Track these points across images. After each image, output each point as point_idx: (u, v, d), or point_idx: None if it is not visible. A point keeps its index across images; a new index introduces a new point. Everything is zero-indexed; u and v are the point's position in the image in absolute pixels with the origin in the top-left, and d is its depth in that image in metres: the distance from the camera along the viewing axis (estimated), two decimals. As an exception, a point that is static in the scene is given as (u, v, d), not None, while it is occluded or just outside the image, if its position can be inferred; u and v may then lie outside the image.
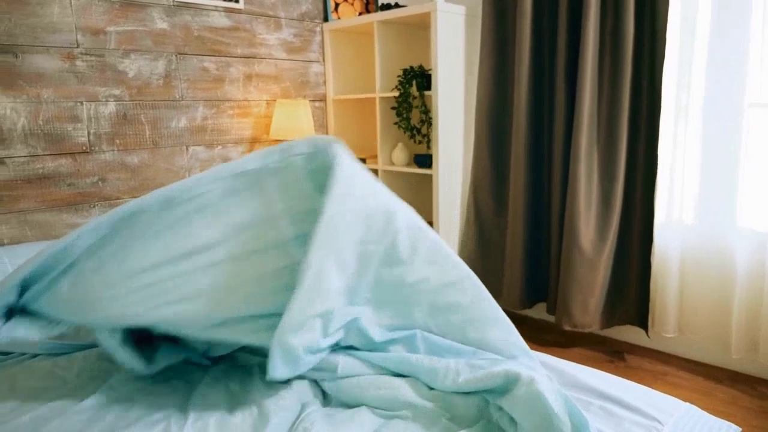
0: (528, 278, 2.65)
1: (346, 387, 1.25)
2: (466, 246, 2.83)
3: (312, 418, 1.15)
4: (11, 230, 2.13)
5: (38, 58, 2.13)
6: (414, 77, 2.67)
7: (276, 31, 2.86)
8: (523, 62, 2.47)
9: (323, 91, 3.12)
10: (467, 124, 2.78)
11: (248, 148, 2.82)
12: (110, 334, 1.22)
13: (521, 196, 2.57)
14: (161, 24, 2.45)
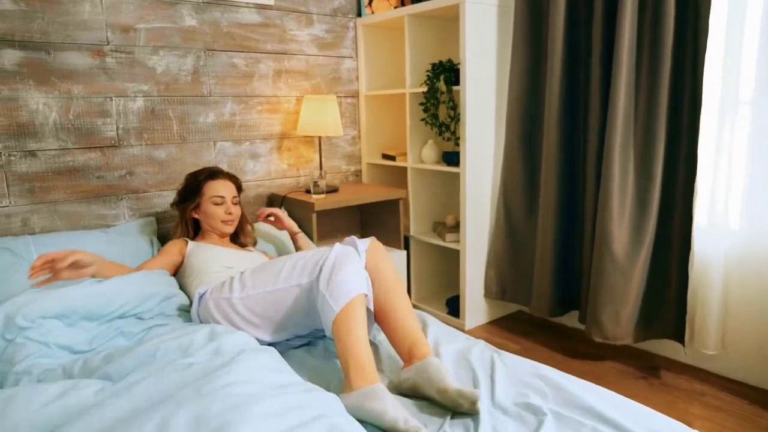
0: (559, 284, 2.51)
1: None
2: (495, 248, 2.71)
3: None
4: (42, 220, 2.22)
5: (70, 55, 2.21)
6: (442, 72, 2.58)
7: (307, 26, 2.85)
8: (555, 54, 2.33)
9: (355, 87, 3.08)
10: (499, 121, 2.66)
11: (277, 143, 2.83)
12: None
13: (552, 196, 2.43)
14: (190, 21, 2.49)
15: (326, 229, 3.01)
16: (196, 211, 2.13)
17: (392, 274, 1.64)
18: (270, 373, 1.20)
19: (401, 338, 1.51)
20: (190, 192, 2.12)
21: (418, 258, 2.99)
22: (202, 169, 2.17)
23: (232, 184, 2.17)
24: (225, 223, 2.09)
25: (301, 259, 1.60)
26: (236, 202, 2.14)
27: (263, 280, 1.62)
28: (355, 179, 3.17)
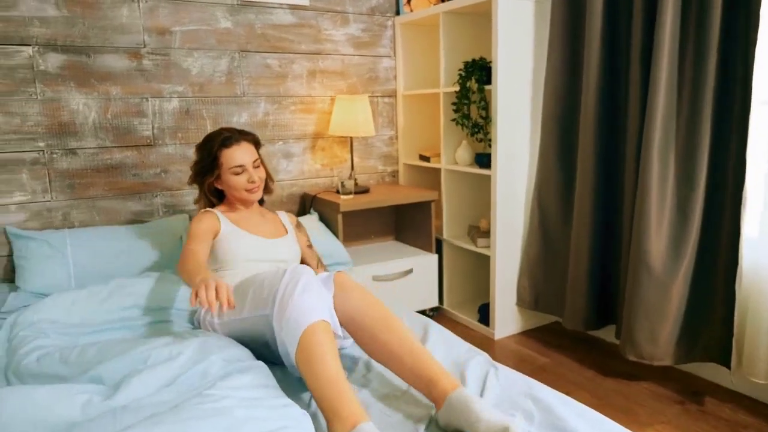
0: (594, 296, 2.35)
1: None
2: (529, 255, 2.58)
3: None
4: (81, 214, 2.35)
5: (108, 58, 2.32)
6: (475, 70, 2.49)
7: (343, 26, 2.84)
8: (592, 50, 2.17)
9: (393, 86, 3.04)
10: (534, 122, 2.53)
11: (311, 143, 2.83)
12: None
13: (588, 202, 2.27)
14: (225, 23, 2.54)
15: (357, 231, 2.98)
16: (217, 183, 1.92)
17: (373, 311, 1.43)
18: (246, 390, 1.18)
19: (416, 383, 1.33)
20: (205, 166, 1.89)
21: (451, 262, 2.90)
22: (213, 136, 1.89)
23: (249, 144, 1.91)
24: (250, 192, 1.89)
25: (259, 286, 1.47)
26: (258, 165, 1.92)
27: (237, 305, 1.53)
28: (391, 180, 3.12)
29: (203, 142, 1.91)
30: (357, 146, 2.98)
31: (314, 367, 1.22)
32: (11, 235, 2.18)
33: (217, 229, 1.84)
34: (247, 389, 1.19)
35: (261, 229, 1.94)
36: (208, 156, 1.87)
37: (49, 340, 1.50)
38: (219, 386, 1.17)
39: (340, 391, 1.19)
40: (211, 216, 1.87)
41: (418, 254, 2.78)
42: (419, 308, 2.79)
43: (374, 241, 3.04)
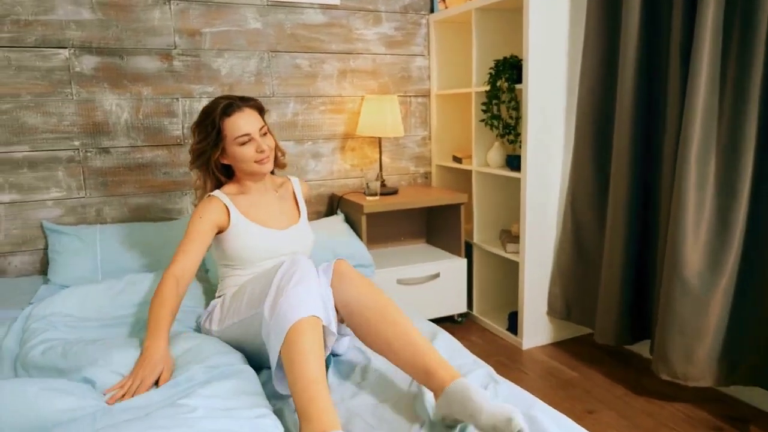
0: (628, 308, 2.20)
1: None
2: (561, 262, 2.45)
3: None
4: (113, 211, 2.43)
5: (140, 60, 2.38)
6: (505, 68, 2.39)
7: (375, 25, 2.80)
8: (628, 45, 2.03)
9: (426, 86, 2.97)
10: (568, 123, 2.39)
11: (340, 143, 2.81)
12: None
13: (622, 207, 2.13)
14: (254, 23, 2.56)
15: (386, 232, 2.94)
16: (223, 158, 1.71)
17: (370, 301, 1.41)
18: (223, 399, 1.16)
19: (414, 374, 1.31)
20: (209, 141, 1.67)
21: (481, 267, 2.81)
22: (212, 107, 1.68)
23: (253, 111, 1.71)
24: (260, 163, 1.68)
25: (256, 283, 1.46)
26: (265, 132, 1.71)
27: (234, 308, 1.50)
28: (423, 182, 3.06)
29: (202, 116, 1.70)
30: (388, 147, 2.94)
31: (295, 367, 1.19)
32: (47, 230, 2.28)
33: (224, 222, 1.67)
34: (225, 398, 1.17)
35: (273, 215, 1.76)
36: (211, 128, 1.65)
37: (57, 333, 1.54)
38: (196, 394, 1.15)
39: (314, 395, 1.15)
40: (217, 205, 1.67)
41: (447, 258, 2.71)
42: (447, 313, 2.72)
43: (404, 244, 2.99)
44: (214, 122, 1.66)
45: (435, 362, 1.28)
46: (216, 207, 1.67)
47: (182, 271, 1.56)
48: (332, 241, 2.41)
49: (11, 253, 2.29)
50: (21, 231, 2.29)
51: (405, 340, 1.34)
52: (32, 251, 2.31)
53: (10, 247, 2.28)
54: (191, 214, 1.69)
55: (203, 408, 1.10)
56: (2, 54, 2.17)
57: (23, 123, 2.23)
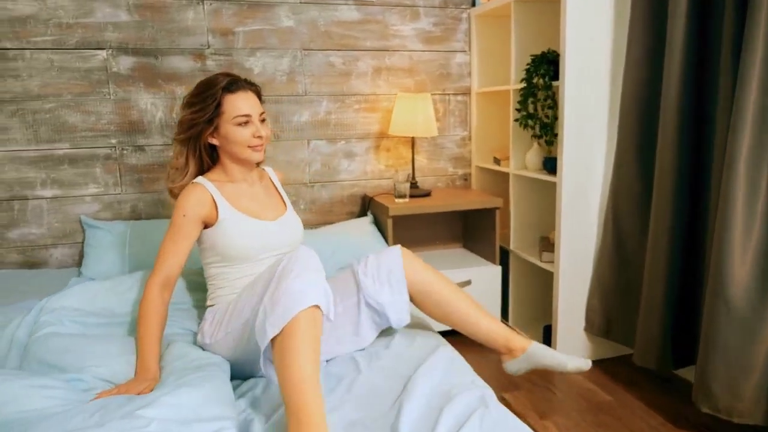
0: (671, 329, 1.98)
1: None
2: (600, 274, 2.25)
3: None
4: (147, 207, 2.49)
5: (174, 59, 2.42)
6: (543, 64, 2.22)
7: (412, 21, 2.71)
8: (675, 40, 1.82)
9: (467, 83, 2.84)
10: (612, 123, 2.19)
11: (374, 143, 2.75)
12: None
13: (665, 217, 1.92)
14: (287, 22, 2.54)
15: (420, 236, 2.84)
16: (213, 137, 1.59)
17: (440, 284, 1.66)
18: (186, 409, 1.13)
19: (492, 343, 1.66)
20: (204, 115, 1.54)
21: (518, 276, 2.64)
22: (213, 80, 1.57)
23: (254, 95, 1.62)
24: (254, 149, 1.59)
25: (252, 285, 1.45)
26: (264, 119, 1.63)
27: (234, 312, 1.47)
28: (462, 184, 2.93)
29: (201, 87, 1.57)
30: (425, 147, 2.83)
31: (287, 363, 1.18)
32: (84, 224, 2.38)
33: (210, 216, 1.56)
34: (189, 407, 1.14)
35: (261, 206, 1.68)
36: (211, 101, 1.53)
37: (62, 328, 1.58)
38: (160, 403, 1.12)
39: (307, 397, 1.14)
40: (202, 197, 1.55)
41: (480, 265, 2.57)
42: (478, 323, 2.58)
43: (439, 248, 2.88)
44: (215, 95, 1.54)
45: (508, 332, 1.67)
46: (201, 199, 1.55)
47: (166, 279, 1.53)
48: (356, 242, 2.35)
49: (53, 246, 2.40)
50: (62, 225, 2.40)
51: (478, 314, 1.66)
52: (71, 244, 2.42)
53: (52, 239, 2.40)
54: (174, 208, 1.56)
55: (159, 420, 1.07)
56: (46, 56, 2.28)
57: (64, 121, 2.34)
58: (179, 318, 1.69)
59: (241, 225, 1.59)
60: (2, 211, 2.32)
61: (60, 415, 1.15)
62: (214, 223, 1.57)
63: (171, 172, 1.65)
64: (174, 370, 1.36)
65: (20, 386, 1.25)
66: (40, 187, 2.35)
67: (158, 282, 1.52)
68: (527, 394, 2.10)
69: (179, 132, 1.61)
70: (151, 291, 1.51)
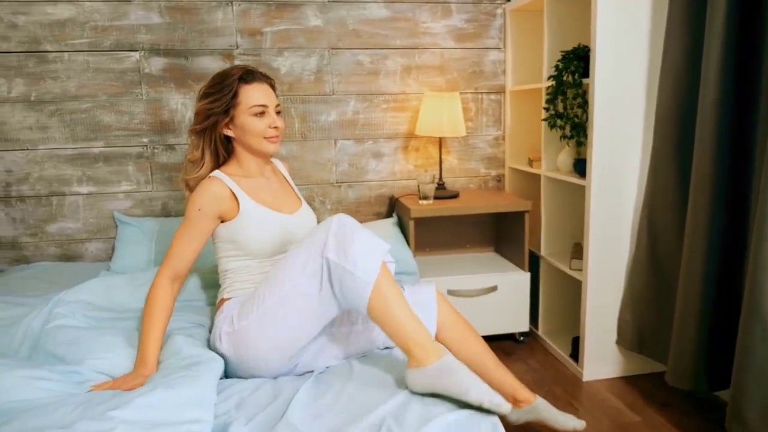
0: (706, 347, 1.82)
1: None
2: (634, 285, 2.10)
3: None
4: (176, 204, 2.55)
5: (204, 60, 2.47)
6: (571, 61, 2.10)
7: (444, 18, 2.63)
8: (713, 34, 1.67)
9: (501, 81, 2.73)
10: (648, 123, 2.04)
11: (403, 143, 2.69)
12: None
13: (702, 225, 1.76)
14: (315, 21, 2.53)
15: (448, 239, 2.76)
16: (228, 128, 1.59)
17: (464, 323, 1.67)
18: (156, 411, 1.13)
19: (499, 388, 1.58)
20: (220, 105, 1.54)
21: (549, 283, 2.52)
22: (229, 71, 1.58)
23: (269, 87, 1.63)
24: (269, 141, 1.60)
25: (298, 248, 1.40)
26: (279, 111, 1.64)
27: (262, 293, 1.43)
28: (495, 186, 2.83)
29: (216, 78, 1.58)
30: (456, 147, 2.75)
31: (392, 309, 1.31)
32: (117, 220, 2.46)
33: (229, 210, 1.55)
34: (162, 409, 1.13)
35: (279, 200, 1.68)
36: (227, 91, 1.54)
37: (74, 321, 1.63)
38: (132, 405, 1.11)
39: (416, 328, 1.32)
40: (220, 192, 1.54)
41: (508, 270, 2.47)
42: (505, 331, 2.48)
43: (469, 252, 2.79)
44: (231, 85, 1.55)
45: (516, 383, 1.61)
46: (218, 194, 1.53)
47: (176, 273, 1.53)
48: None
49: (88, 240, 2.50)
50: (96, 220, 2.49)
51: (495, 359, 1.63)
52: (105, 239, 2.51)
53: (87, 234, 2.50)
54: (189, 200, 1.55)
55: (126, 423, 1.07)
56: (82, 58, 2.37)
57: (99, 121, 2.43)
58: (190, 313, 1.70)
59: (263, 219, 1.58)
60: (42, 206, 2.44)
61: (45, 408, 1.17)
62: (234, 217, 1.55)
63: (187, 164, 1.65)
64: (164, 367, 1.37)
65: (17, 376, 1.28)
66: (77, 183, 2.45)
67: (168, 275, 1.52)
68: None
69: (195, 123, 1.61)
70: (161, 284, 1.51)
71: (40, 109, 2.37)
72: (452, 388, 1.23)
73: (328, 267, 1.33)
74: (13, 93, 2.34)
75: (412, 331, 1.31)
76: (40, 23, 2.32)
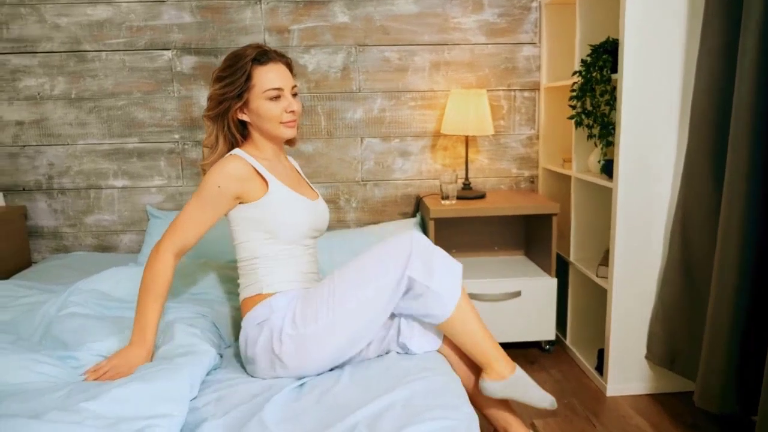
0: (737, 366, 1.66)
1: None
2: (665, 294, 1.96)
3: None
4: (205, 200, 2.61)
5: (232, 58, 2.50)
6: (599, 55, 1.97)
7: (475, 12, 2.55)
8: (749, 29, 1.51)
9: (535, 78, 2.62)
10: (683, 123, 1.89)
11: (431, 141, 2.63)
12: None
13: (736, 233, 1.61)
14: (342, 18, 2.52)
15: (476, 240, 2.67)
16: (242, 112, 1.49)
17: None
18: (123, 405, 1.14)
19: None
20: (234, 88, 1.44)
21: (577, 290, 2.38)
22: (242, 52, 1.46)
23: (285, 68, 1.51)
24: (286, 125, 1.50)
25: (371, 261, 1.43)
26: (296, 93, 1.52)
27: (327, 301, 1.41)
28: (528, 187, 2.71)
29: (229, 60, 1.47)
30: (486, 146, 2.66)
31: (473, 323, 1.44)
32: (149, 213, 2.55)
33: (252, 190, 1.45)
34: (132, 403, 1.14)
35: (299, 185, 1.61)
36: (240, 74, 1.43)
37: (85, 310, 1.69)
38: (105, 397, 1.12)
39: (494, 343, 1.45)
40: (243, 168, 1.45)
41: (534, 276, 2.36)
42: (530, 339, 2.37)
43: (497, 254, 2.69)
44: (244, 68, 1.44)
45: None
46: (239, 172, 1.44)
47: (181, 248, 1.44)
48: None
49: (122, 232, 2.61)
50: (130, 213, 2.59)
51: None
52: (138, 232, 2.61)
53: (122, 226, 2.60)
54: (206, 176, 1.44)
55: (94, 416, 1.08)
56: (119, 57, 2.47)
57: (134, 117, 2.52)
58: (197, 305, 1.72)
59: (293, 200, 1.51)
60: (81, 199, 2.56)
61: (34, 392, 1.22)
62: (258, 197, 1.46)
63: (204, 150, 1.58)
64: (155, 356, 1.39)
65: (15, 359, 1.34)
66: (113, 177, 2.56)
67: (173, 249, 1.43)
68: (562, 423, 1.88)
69: (209, 108, 1.51)
70: (165, 257, 1.42)
71: (79, 106, 2.49)
72: (525, 398, 1.42)
73: (410, 284, 1.40)
74: (55, 91, 2.47)
75: (492, 347, 1.44)
76: (80, 24, 2.43)
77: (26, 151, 2.51)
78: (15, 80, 2.45)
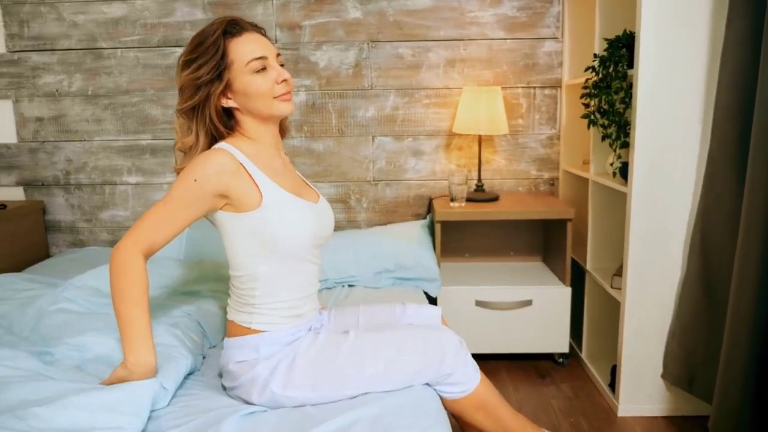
0: (754, 389, 1.50)
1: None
2: (684, 309, 1.80)
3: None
4: (216, 197, 2.61)
5: (244, 55, 2.49)
6: (615, 50, 1.83)
7: (493, 6, 2.44)
8: (775, 8, 1.36)
9: (556, 75, 2.48)
10: (705, 123, 1.73)
11: (445, 141, 2.54)
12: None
13: (756, 244, 1.46)
14: (354, 13, 2.45)
15: (491, 244, 2.55)
16: (226, 96, 1.25)
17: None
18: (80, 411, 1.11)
19: None
20: (208, 68, 1.20)
21: (594, 301, 2.24)
22: (209, 28, 1.23)
23: (262, 36, 1.29)
24: (281, 99, 1.25)
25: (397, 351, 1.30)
26: (283, 63, 1.29)
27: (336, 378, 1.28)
28: (548, 189, 2.58)
29: (196, 40, 1.23)
30: (503, 146, 2.55)
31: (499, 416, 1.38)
32: (161, 210, 2.56)
33: (245, 193, 1.21)
34: (87, 412, 1.09)
35: (298, 183, 1.39)
36: (213, 52, 1.20)
37: (73, 306, 1.69)
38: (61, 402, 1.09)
39: (525, 424, 1.41)
40: (229, 163, 1.20)
41: (547, 284, 2.23)
42: (541, 351, 2.25)
43: (513, 260, 2.57)
44: (216, 43, 1.20)
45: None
46: (223, 166, 1.19)
47: (149, 249, 1.20)
48: (397, 246, 2.18)
49: (136, 228, 2.63)
50: (143, 209, 2.61)
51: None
52: (150, 227, 2.62)
53: (135, 222, 2.62)
54: (183, 171, 1.21)
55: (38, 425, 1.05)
56: (133, 54, 2.49)
57: (147, 114, 2.54)
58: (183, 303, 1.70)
59: (292, 207, 1.26)
60: (96, 194, 2.60)
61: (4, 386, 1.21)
62: (250, 203, 1.22)
63: (178, 155, 1.31)
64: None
65: None
66: (127, 174, 2.58)
67: (140, 250, 1.19)
68: (565, 443, 1.76)
69: (184, 100, 1.24)
70: (137, 260, 1.18)
71: (95, 103, 2.53)
72: None
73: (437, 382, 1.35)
74: (73, 88, 2.52)
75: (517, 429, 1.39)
76: (97, 21, 2.46)
77: (45, 146, 2.56)
78: (35, 77, 2.51)
